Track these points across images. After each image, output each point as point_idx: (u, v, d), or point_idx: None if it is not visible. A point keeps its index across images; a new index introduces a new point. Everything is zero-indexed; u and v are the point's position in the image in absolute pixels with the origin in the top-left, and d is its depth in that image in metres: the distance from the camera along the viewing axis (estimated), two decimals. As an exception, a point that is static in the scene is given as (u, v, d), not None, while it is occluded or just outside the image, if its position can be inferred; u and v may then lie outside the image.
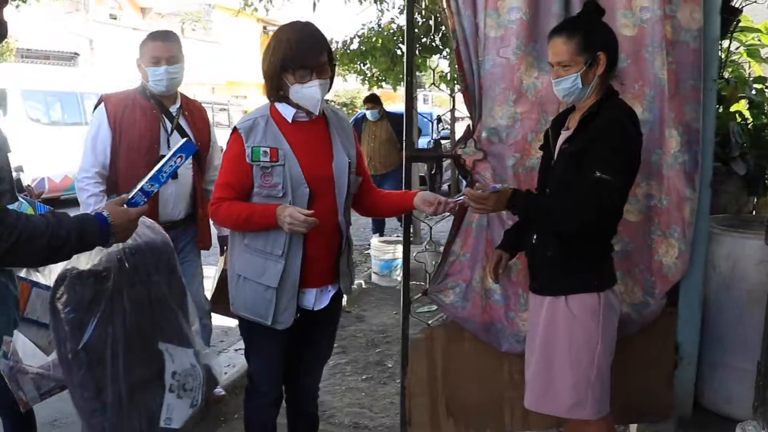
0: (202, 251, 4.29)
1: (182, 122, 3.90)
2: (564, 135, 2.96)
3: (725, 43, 4.94)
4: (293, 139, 3.03)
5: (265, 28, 29.57)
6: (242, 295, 3.11)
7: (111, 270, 2.60)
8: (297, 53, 2.95)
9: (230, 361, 5.51)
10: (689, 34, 3.47)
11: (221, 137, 3.71)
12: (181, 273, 2.97)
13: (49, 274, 2.92)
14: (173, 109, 3.87)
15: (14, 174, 3.11)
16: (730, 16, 4.32)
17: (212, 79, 29.47)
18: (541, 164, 3.16)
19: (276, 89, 3.04)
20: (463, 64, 3.55)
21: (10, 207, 2.51)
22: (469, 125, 3.64)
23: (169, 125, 3.80)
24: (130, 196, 2.50)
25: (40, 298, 2.87)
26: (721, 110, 4.65)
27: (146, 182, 2.57)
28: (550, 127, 3.10)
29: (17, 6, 12.72)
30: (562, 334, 2.90)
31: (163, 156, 3.56)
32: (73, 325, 2.57)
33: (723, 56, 4.77)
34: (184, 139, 2.65)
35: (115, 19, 28.96)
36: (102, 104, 3.78)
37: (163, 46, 3.82)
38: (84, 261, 2.58)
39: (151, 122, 3.76)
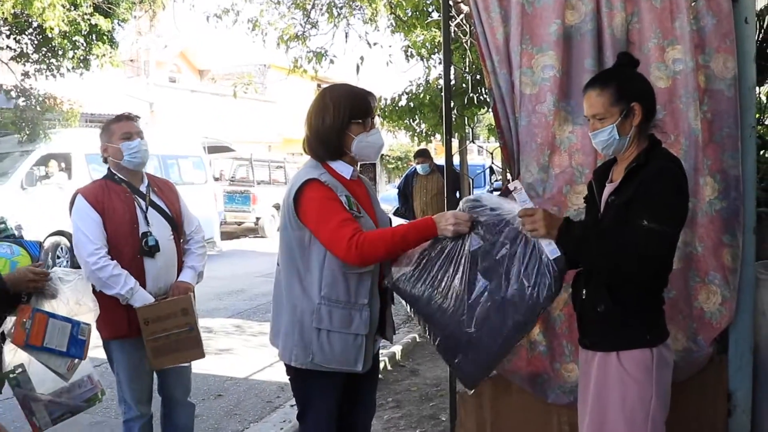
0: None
1: (154, 198, 4.03)
2: (609, 187, 2.91)
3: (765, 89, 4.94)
4: (356, 196, 3.12)
5: (319, 85, 30.09)
6: (327, 348, 3.08)
7: None
8: (363, 103, 3.10)
9: (285, 417, 5.58)
10: (723, 83, 3.52)
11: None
12: None
13: (66, 303, 3.13)
14: (143, 187, 4.01)
15: (16, 231, 3.33)
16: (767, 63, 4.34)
17: (268, 137, 30.07)
18: (586, 216, 3.14)
19: (333, 146, 3.12)
20: (500, 121, 3.65)
21: None
22: (509, 180, 3.71)
23: (143, 203, 3.94)
24: None
25: (56, 328, 3.07)
26: (767, 155, 4.64)
27: None
28: (593, 179, 3.08)
29: (81, 74, 13.28)
30: (615, 390, 2.80)
31: (146, 233, 3.80)
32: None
33: (766, 101, 4.77)
34: None
35: (174, 82, 29.84)
36: (79, 196, 3.87)
37: (131, 124, 3.99)
38: None
39: (127, 204, 3.89)
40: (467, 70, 5.43)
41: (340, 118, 3.08)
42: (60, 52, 12.72)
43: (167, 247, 3.93)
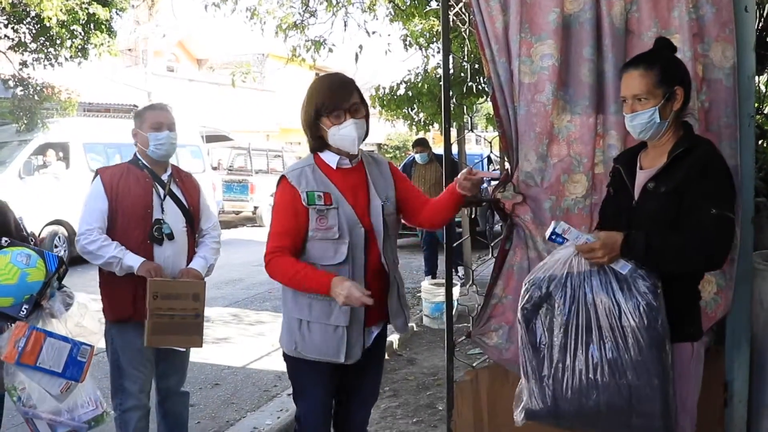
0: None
1: (174, 188, 4.04)
2: (644, 174, 2.87)
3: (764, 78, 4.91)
4: (341, 185, 3.17)
5: (317, 74, 30.03)
6: (309, 338, 3.15)
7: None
8: (329, 98, 3.12)
9: (282, 406, 5.60)
10: (722, 72, 3.50)
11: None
12: None
13: (65, 325, 3.11)
14: (164, 177, 4.02)
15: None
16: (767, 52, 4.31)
17: (266, 126, 30.01)
18: (613, 204, 3.06)
19: (315, 137, 3.20)
20: (499, 110, 3.63)
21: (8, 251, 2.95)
22: (507, 169, 3.69)
23: (161, 191, 3.95)
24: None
25: (53, 348, 3.03)
26: (765, 145, 4.62)
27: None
28: (619, 165, 3.02)
29: (79, 63, 13.24)
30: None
31: (159, 220, 3.80)
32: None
33: (764, 91, 4.75)
34: None
35: (172, 71, 29.77)
36: (98, 176, 3.92)
37: (164, 114, 4.02)
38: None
39: (144, 189, 3.91)
40: (466, 59, 5.39)
41: (310, 113, 3.16)
42: (58, 42, 12.68)
43: (179, 238, 3.96)
